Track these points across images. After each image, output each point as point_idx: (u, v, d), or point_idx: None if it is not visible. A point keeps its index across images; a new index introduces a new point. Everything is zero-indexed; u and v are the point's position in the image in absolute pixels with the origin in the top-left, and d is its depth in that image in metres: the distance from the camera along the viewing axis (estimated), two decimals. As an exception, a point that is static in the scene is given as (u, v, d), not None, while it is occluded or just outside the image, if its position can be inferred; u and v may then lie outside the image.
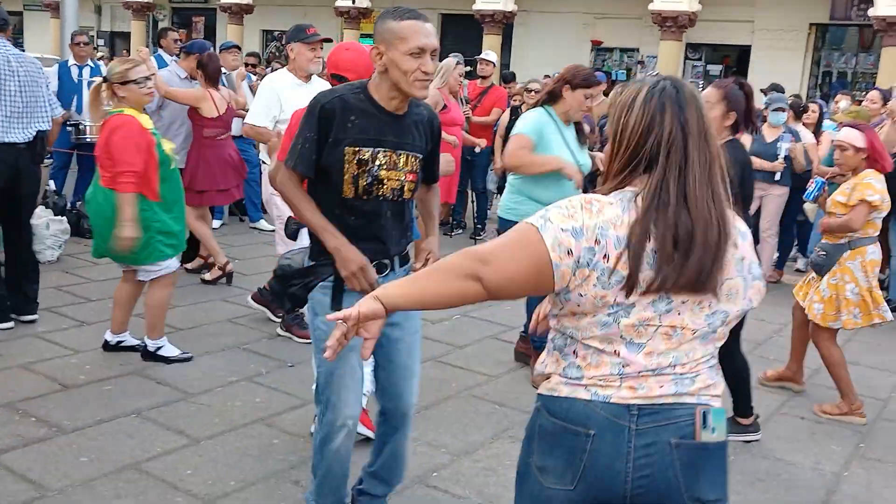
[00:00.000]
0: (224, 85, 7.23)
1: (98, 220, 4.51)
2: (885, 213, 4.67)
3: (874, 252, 4.69)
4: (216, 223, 8.59)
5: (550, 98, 4.79)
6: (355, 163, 2.76)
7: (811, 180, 5.74)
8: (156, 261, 4.58)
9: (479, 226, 9.15)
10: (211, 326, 5.49)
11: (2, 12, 5.25)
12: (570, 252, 1.77)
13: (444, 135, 6.62)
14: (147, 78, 4.52)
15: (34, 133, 5.19)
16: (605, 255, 1.77)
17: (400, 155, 2.83)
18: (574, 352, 1.89)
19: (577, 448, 1.84)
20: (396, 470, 3.18)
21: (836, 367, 4.74)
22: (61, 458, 3.60)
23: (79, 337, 5.09)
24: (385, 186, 2.83)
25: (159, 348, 4.75)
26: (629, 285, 1.77)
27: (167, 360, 4.72)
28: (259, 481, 3.53)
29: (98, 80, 4.69)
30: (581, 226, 1.78)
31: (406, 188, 2.89)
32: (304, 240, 3.71)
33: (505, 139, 8.70)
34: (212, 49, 7.11)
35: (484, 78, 9.37)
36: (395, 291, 1.88)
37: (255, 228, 8.91)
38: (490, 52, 10.46)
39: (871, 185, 4.61)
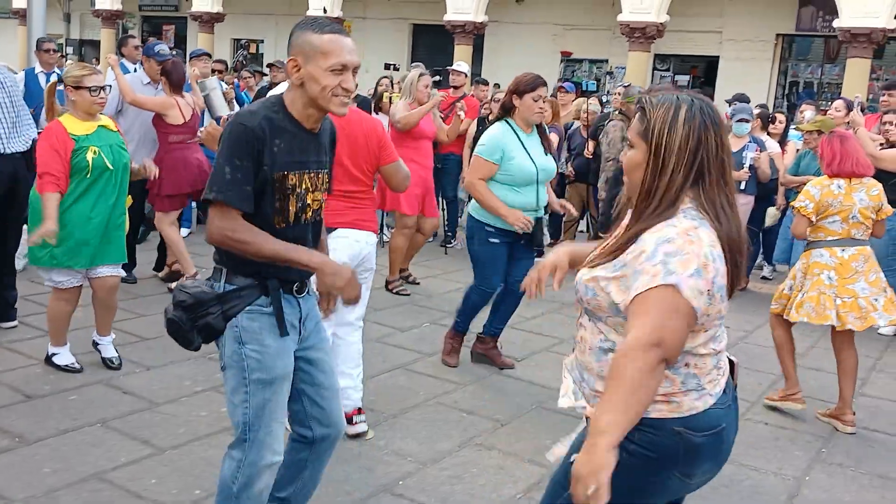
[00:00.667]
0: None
1: (33, 224, 4.54)
2: (835, 218, 4.72)
3: (820, 255, 4.78)
4: (184, 231, 8.53)
5: (505, 111, 4.96)
6: (283, 190, 2.55)
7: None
8: (46, 265, 4.53)
9: (449, 234, 9.17)
10: (178, 336, 5.45)
11: None
12: (701, 292, 1.94)
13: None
14: (102, 88, 4.52)
15: (31, 141, 5.28)
16: (721, 273, 2.00)
17: (319, 175, 2.68)
18: (686, 364, 2.06)
19: (723, 442, 2.13)
20: (308, 493, 2.97)
21: (779, 349, 5.00)
22: (24, 469, 3.56)
23: (43, 346, 5.01)
24: (309, 210, 2.67)
25: (55, 355, 4.74)
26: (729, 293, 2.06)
27: (57, 367, 4.70)
28: (225, 491, 3.51)
29: (54, 79, 4.73)
30: (700, 264, 1.94)
31: (322, 207, 2.77)
32: None
33: (472, 148, 8.77)
34: (165, 48, 7.10)
35: (456, 88, 9.41)
36: (615, 429, 1.85)
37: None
38: (462, 62, 10.52)
39: (807, 191, 4.80)
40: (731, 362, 2.22)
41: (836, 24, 15.38)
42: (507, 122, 4.93)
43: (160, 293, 6.40)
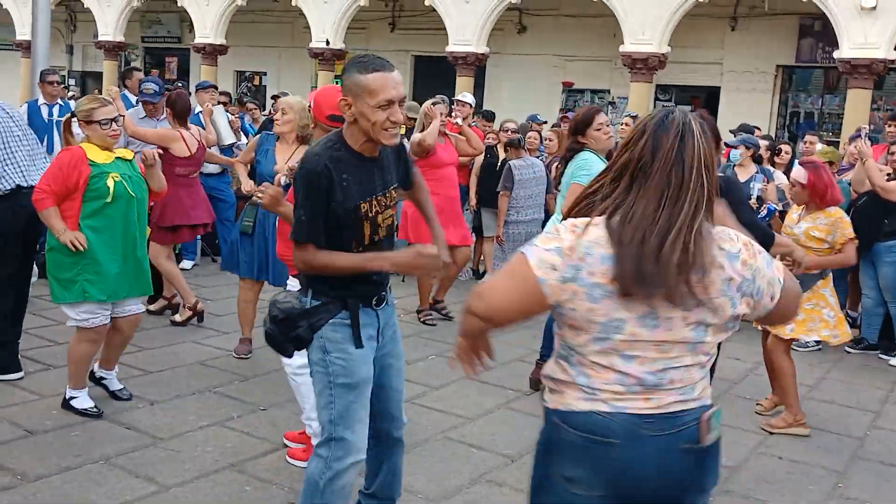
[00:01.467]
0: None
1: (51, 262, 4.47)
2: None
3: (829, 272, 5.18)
4: (188, 264, 8.49)
5: (575, 151, 5.06)
6: (357, 218, 2.85)
7: (764, 205, 6.47)
8: (76, 300, 4.38)
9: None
10: (181, 369, 5.39)
11: None
12: (554, 268, 1.94)
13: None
14: (113, 120, 4.45)
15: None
16: (591, 271, 1.93)
17: (387, 194, 2.96)
18: (579, 362, 2.04)
19: (605, 457, 2.00)
20: (396, 486, 3.29)
21: (788, 377, 5.01)
22: (25, 507, 3.49)
23: (45, 381, 4.97)
24: (381, 230, 2.95)
25: (73, 398, 4.55)
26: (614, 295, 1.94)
27: (76, 411, 4.50)
28: (231, 530, 3.44)
29: (68, 115, 4.68)
30: (563, 245, 1.95)
31: (392, 220, 3.03)
32: None
33: (480, 177, 8.74)
34: (150, 86, 7.15)
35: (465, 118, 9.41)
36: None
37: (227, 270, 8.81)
38: (466, 93, 10.54)
39: (848, 222, 5.08)
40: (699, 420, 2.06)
41: (836, 55, 15.43)
42: (593, 154, 5.02)
43: (162, 325, 6.35)
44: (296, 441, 4.19)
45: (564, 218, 2.08)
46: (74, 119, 4.55)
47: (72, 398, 4.54)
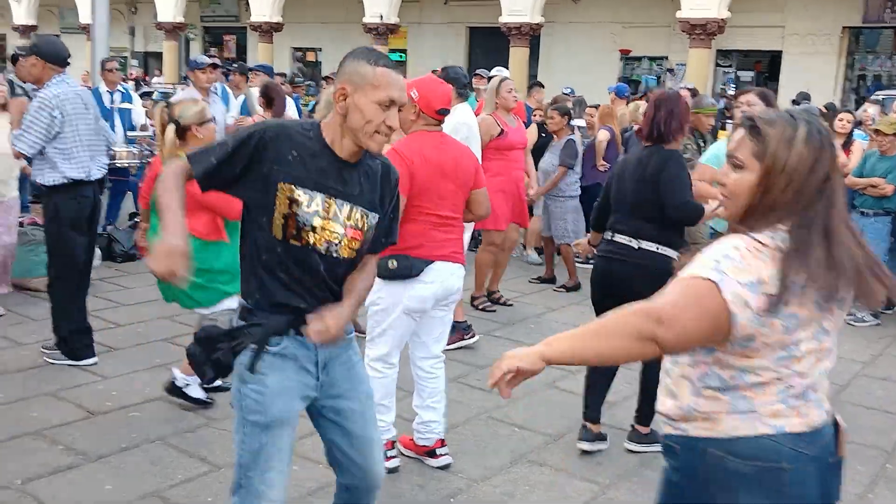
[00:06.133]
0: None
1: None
2: None
3: None
4: None
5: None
6: (286, 201, 2.43)
7: None
8: (218, 301, 4.31)
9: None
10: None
11: (62, 47, 5.22)
12: (747, 304, 1.80)
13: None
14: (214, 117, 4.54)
15: (105, 167, 5.38)
16: (787, 301, 1.82)
17: (342, 206, 2.49)
18: (740, 389, 1.91)
19: (780, 483, 1.88)
20: None
21: None
22: (87, 486, 3.68)
23: (106, 363, 5.18)
24: (318, 236, 2.47)
25: (187, 385, 4.57)
26: (804, 323, 1.86)
27: (189, 399, 4.55)
28: (278, 508, 3.57)
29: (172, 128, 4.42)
30: (758, 278, 1.81)
31: (344, 244, 2.51)
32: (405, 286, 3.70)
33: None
34: (203, 57, 7.30)
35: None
36: (560, 349, 1.90)
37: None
38: (501, 68, 10.42)
39: None
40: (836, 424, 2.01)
41: (905, 14, 14.89)
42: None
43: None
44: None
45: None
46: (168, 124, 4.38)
47: (186, 385, 4.54)
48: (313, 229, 2.46)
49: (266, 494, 2.50)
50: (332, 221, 2.48)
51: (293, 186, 2.43)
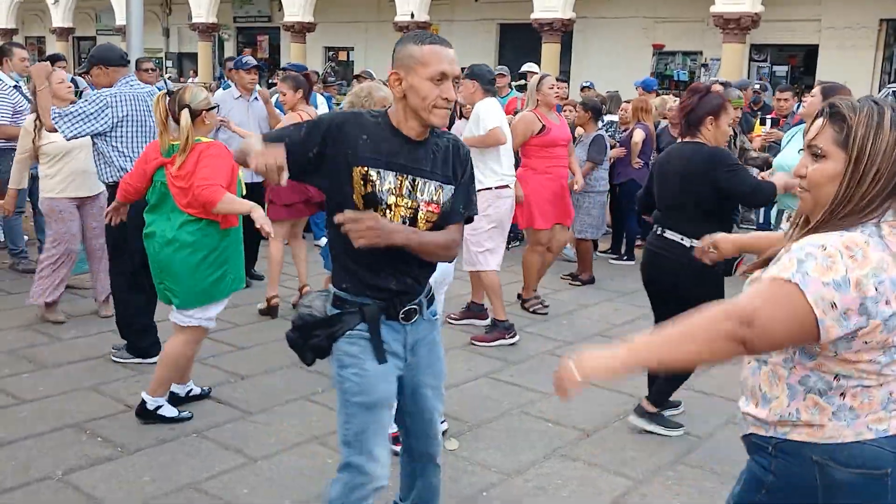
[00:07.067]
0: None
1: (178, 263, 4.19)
2: None
3: None
4: (324, 241, 8.72)
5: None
6: (361, 182, 2.57)
7: None
8: (223, 297, 4.33)
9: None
10: (269, 345, 5.61)
11: (113, 49, 5.29)
12: (833, 305, 1.72)
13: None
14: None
15: None
16: (887, 300, 1.74)
17: (415, 181, 2.61)
18: (842, 394, 1.85)
19: (881, 490, 1.83)
20: (433, 501, 3.11)
21: None
22: (125, 477, 3.75)
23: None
24: (393, 213, 2.59)
25: (159, 407, 4.33)
26: None
27: (165, 419, 4.30)
28: (313, 500, 3.61)
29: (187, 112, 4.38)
30: (844, 277, 1.72)
31: (421, 217, 2.64)
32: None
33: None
34: (251, 59, 7.34)
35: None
36: (645, 357, 1.84)
37: (317, 246, 9.06)
38: (531, 64, 10.37)
39: None
40: None
41: (944, 5, 14.63)
42: None
43: (252, 302, 6.57)
44: None
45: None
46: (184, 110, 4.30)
47: (158, 407, 4.32)
48: (388, 207, 2.59)
49: (374, 470, 2.68)
50: (405, 197, 2.61)
51: (366, 168, 2.56)
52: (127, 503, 3.53)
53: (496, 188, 5.75)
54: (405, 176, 2.60)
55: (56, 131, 5.13)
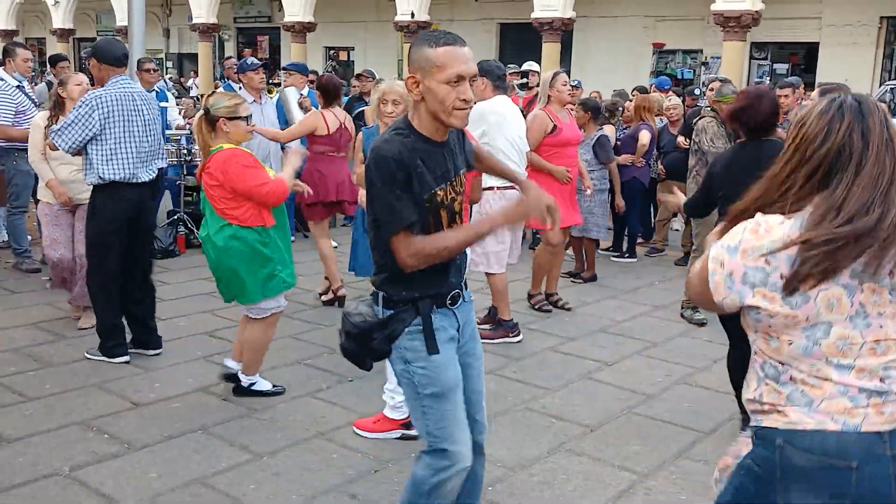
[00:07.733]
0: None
1: (228, 263, 4.40)
2: None
3: None
4: None
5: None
6: (435, 206, 2.64)
7: None
8: (277, 293, 4.51)
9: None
10: (275, 342, 5.57)
11: (116, 47, 5.20)
12: (722, 265, 1.90)
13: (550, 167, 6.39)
14: (250, 116, 4.48)
15: (157, 171, 5.28)
16: (781, 274, 1.82)
17: (458, 178, 2.74)
18: (791, 378, 1.91)
19: (842, 482, 1.84)
20: (475, 493, 3.08)
21: None
22: (132, 473, 3.77)
23: (148, 355, 5.27)
24: (459, 215, 2.76)
25: (253, 384, 4.69)
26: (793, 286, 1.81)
27: (262, 394, 4.66)
28: (319, 495, 3.63)
29: (201, 114, 4.50)
30: (736, 244, 1.88)
31: (458, 203, 2.78)
32: None
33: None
34: (255, 60, 7.35)
35: (530, 88, 9.32)
36: None
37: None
38: (532, 62, 10.37)
39: None
40: None
41: (945, 2, 14.65)
42: None
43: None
44: (366, 429, 4.27)
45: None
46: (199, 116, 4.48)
47: (252, 384, 4.66)
48: (455, 213, 2.73)
49: (459, 452, 2.73)
50: (459, 195, 2.75)
51: (433, 191, 2.64)
52: (135, 499, 3.55)
53: (500, 188, 5.76)
54: (453, 180, 2.71)
55: (58, 149, 5.11)
